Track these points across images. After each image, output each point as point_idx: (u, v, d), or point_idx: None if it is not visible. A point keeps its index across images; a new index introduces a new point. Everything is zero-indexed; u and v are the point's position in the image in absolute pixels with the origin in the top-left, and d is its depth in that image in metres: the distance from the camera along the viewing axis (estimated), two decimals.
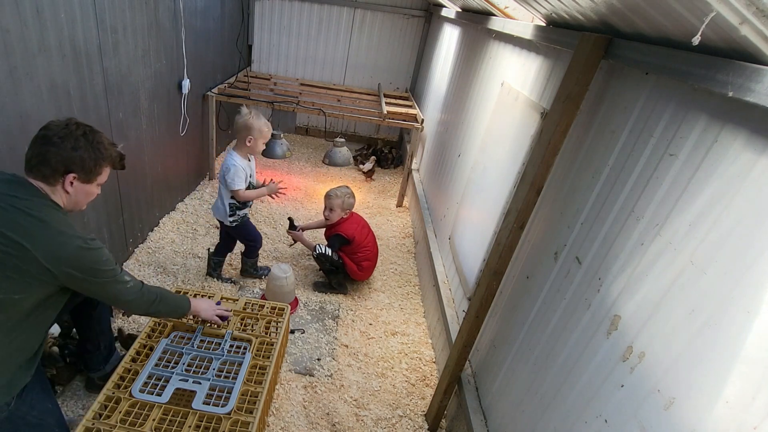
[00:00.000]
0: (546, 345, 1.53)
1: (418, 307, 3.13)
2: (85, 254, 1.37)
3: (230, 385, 1.86)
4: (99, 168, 1.47)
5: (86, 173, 1.44)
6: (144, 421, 1.68)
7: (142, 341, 2.03)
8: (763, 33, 0.82)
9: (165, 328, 2.13)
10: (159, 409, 1.73)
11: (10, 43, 1.78)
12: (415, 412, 2.30)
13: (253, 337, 2.13)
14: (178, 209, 3.79)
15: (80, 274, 1.37)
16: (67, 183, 1.41)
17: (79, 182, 1.44)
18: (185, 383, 1.85)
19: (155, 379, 1.86)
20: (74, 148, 1.39)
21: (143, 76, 2.91)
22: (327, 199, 3.14)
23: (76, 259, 1.35)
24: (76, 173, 1.41)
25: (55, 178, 1.39)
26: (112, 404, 1.73)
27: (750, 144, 0.91)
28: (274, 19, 5.45)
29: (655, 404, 1.01)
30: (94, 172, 1.46)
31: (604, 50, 1.39)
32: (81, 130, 1.42)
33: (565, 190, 1.61)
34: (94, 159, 1.43)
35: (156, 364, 1.91)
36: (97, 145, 1.44)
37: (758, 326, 0.82)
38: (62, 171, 1.39)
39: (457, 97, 3.50)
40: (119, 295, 1.52)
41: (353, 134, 6.18)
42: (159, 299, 1.67)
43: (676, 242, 1.04)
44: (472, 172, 2.73)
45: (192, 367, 1.94)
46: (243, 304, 2.36)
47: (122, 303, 1.57)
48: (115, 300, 1.55)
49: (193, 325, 2.15)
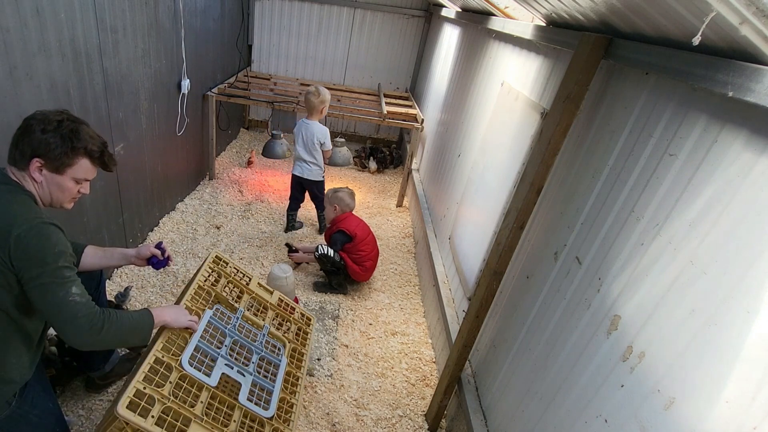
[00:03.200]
0: (546, 345, 1.53)
1: (418, 307, 3.13)
2: (33, 236, 1.21)
3: (269, 386, 1.77)
4: (68, 158, 1.34)
5: (53, 160, 1.32)
6: (195, 402, 1.51)
7: (188, 304, 1.79)
8: (763, 33, 0.82)
9: (210, 296, 1.94)
10: (207, 393, 1.57)
11: (9, 43, 1.78)
12: (415, 412, 2.30)
13: (286, 340, 2.06)
14: (178, 209, 3.79)
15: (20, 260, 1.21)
16: (34, 168, 1.31)
17: (47, 171, 1.33)
18: (230, 370, 1.70)
19: (201, 354, 1.67)
20: (43, 131, 1.30)
21: (143, 76, 2.91)
22: (326, 196, 3.27)
23: (21, 239, 1.20)
24: (42, 159, 1.31)
25: (23, 162, 1.31)
26: (162, 370, 1.51)
27: (750, 144, 0.91)
28: (274, 19, 5.45)
29: (655, 404, 1.01)
30: (62, 162, 1.33)
31: (604, 50, 1.39)
32: (59, 117, 1.34)
33: (565, 190, 1.61)
34: (62, 146, 1.32)
35: (202, 336, 1.72)
36: (69, 133, 1.33)
37: (758, 326, 0.82)
38: (29, 154, 1.30)
39: (457, 97, 3.50)
40: (56, 309, 1.26)
41: (353, 134, 6.17)
42: (106, 326, 1.33)
43: (676, 242, 1.04)
44: (472, 172, 2.73)
45: (233, 352, 1.80)
46: (277, 299, 2.24)
47: (58, 321, 1.28)
48: (55, 312, 1.27)
49: (233, 303, 1.98)
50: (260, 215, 3.94)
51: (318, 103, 3.43)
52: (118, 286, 2.77)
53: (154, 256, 1.87)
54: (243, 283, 2.15)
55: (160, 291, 2.83)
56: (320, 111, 3.48)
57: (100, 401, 2.09)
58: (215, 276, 2.09)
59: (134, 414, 1.34)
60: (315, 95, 3.41)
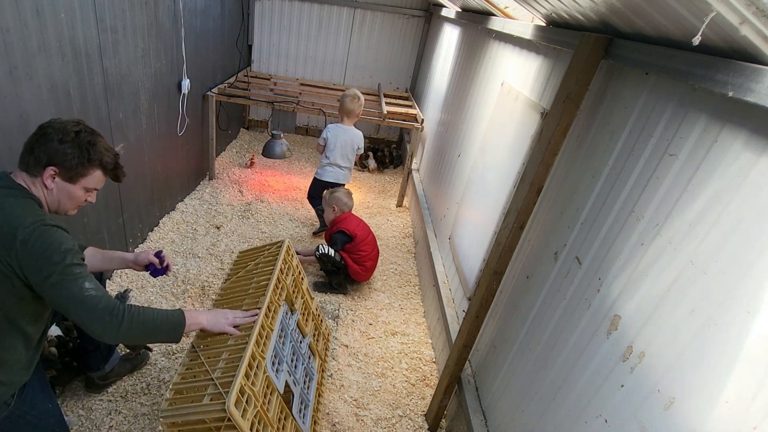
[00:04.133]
0: (546, 345, 1.53)
1: (418, 307, 3.13)
2: (35, 241, 1.22)
3: (307, 400, 1.73)
4: (84, 168, 1.38)
5: (68, 170, 1.35)
6: (269, 407, 1.50)
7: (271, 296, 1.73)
8: (763, 33, 0.82)
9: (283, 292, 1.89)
10: (277, 400, 1.56)
11: (9, 43, 1.78)
12: (415, 412, 2.30)
13: (318, 354, 1.99)
14: (178, 209, 3.79)
15: (27, 264, 1.21)
16: (47, 176, 1.34)
17: (60, 179, 1.36)
18: (289, 378, 1.67)
19: (274, 355, 1.64)
20: (61, 141, 1.33)
21: (143, 76, 2.91)
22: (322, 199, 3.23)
23: (23, 249, 1.20)
24: (57, 168, 1.34)
25: (36, 169, 1.34)
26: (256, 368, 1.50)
27: (750, 144, 0.91)
28: (274, 19, 5.45)
29: (655, 404, 1.01)
30: (77, 172, 1.37)
31: (604, 50, 1.39)
32: (77, 128, 1.37)
33: (565, 190, 1.61)
34: (78, 157, 1.35)
35: (279, 335, 1.71)
36: (87, 145, 1.37)
37: (758, 326, 0.82)
38: (44, 162, 1.33)
39: (457, 97, 3.50)
40: (72, 304, 1.26)
41: None
42: (129, 318, 1.33)
43: (676, 242, 1.04)
44: (472, 172, 2.73)
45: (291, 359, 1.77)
46: (315, 306, 2.16)
47: (76, 318, 1.30)
48: (68, 308, 1.28)
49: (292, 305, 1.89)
50: (260, 215, 3.94)
51: (358, 107, 3.47)
52: (118, 286, 2.77)
53: (151, 264, 1.85)
54: (301, 283, 2.06)
55: (160, 291, 2.83)
56: (357, 115, 3.54)
57: (101, 401, 2.09)
58: (285, 269, 2.01)
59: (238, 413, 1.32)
60: (355, 100, 3.43)
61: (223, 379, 1.42)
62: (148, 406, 2.10)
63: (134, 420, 2.03)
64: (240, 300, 1.83)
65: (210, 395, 1.39)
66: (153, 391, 2.18)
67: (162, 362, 2.33)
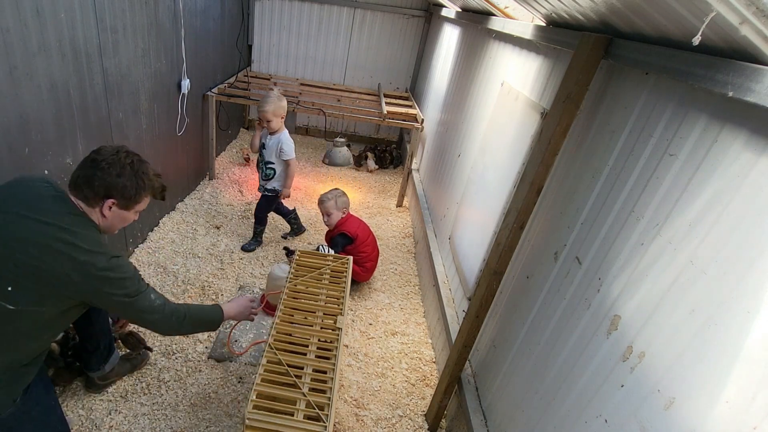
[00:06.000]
0: (546, 345, 1.53)
1: (418, 307, 3.13)
2: (111, 272, 1.39)
3: None
4: (139, 197, 1.52)
5: (126, 200, 1.49)
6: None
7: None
8: (763, 33, 0.82)
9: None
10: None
11: (9, 43, 1.78)
12: (415, 412, 2.30)
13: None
14: (178, 209, 3.79)
15: (107, 291, 1.40)
16: (106, 207, 1.46)
17: (117, 208, 1.49)
18: None
19: None
20: (118, 175, 1.45)
21: (143, 76, 2.91)
22: (320, 205, 3.17)
23: (103, 278, 1.38)
24: (116, 199, 1.47)
25: (95, 201, 1.45)
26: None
27: (750, 144, 0.91)
28: (274, 19, 5.45)
29: (655, 404, 1.01)
30: (133, 200, 1.51)
31: (604, 50, 1.39)
32: (129, 159, 1.49)
33: (565, 190, 1.60)
34: (135, 187, 1.49)
35: None
36: (141, 175, 1.50)
37: (758, 326, 0.82)
38: (103, 195, 1.44)
39: (457, 97, 3.50)
40: (143, 314, 1.52)
41: (353, 134, 6.17)
42: (186, 317, 1.63)
43: (676, 242, 1.04)
44: (472, 172, 2.73)
45: None
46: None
47: (147, 323, 1.56)
48: (138, 319, 1.54)
49: None
50: None
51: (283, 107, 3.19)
52: None
53: None
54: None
55: (160, 291, 2.83)
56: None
57: (101, 401, 2.09)
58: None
59: None
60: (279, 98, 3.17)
61: (314, 398, 1.51)
62: (148, 406, 2.10)
63: (134, 420, 2.03)
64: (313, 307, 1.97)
65: (303, 412, 1.46)
66: (153, 391, 2.18)
67: (162, 362, 2.33)
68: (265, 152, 3.20)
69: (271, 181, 3.26)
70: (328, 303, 2.00)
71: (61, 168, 2.21)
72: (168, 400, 2.15)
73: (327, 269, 2.21)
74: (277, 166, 3.22)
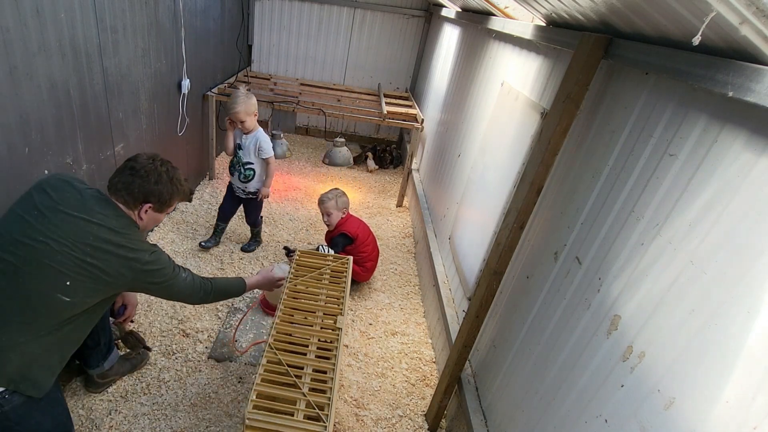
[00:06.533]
0: (546, 345, 1.53)
1: (418, 307, 3.13)
2: (153, 265, 1.56)
3: None
4: (172, 201, 1.69)
5: (161, 204, 1.65)
6: None
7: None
8: (763, 33, 0.82)
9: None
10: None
11: (9, 43, 1.78)
12: (415, 412, 2.30)
13: None
14: (178, 209, 3.79)
15: (150, 281, 1.58)
16: (143, 211, 1.62)
17: (153, 211, 1.65)
18: None
19: None
20: (156, 183, 1.60)
21: (143, 76, 2.91)
22: (320, 205, 3.15)
23: (148, 271, 1.54)
24: (153, 204, 1.62)
25: (134, 205, 1.60)
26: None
27: (750, 144, 0.91)
28: (274, 19, 5.45)
29: (655, 404, 1.01)
30: (167, 204, 1.68)
31: (604, 50, 1.39)
32: (164, 167, 1.64)
33: (565, 190, 1.61)
34: (170, 193, 1.65)
35: None
36: (175, 182, 1.66)
37: (758, 326, 0.82)
38: (141, 200, 1.60)
39: (457, 97, 3.50)
40: (178, 293, 1.72)
41: (353, 134, 6.17)
42: (212, 290, 1.83)
43: (676, 242, 1.04)
44: (472, 172, 2.73)
45: None
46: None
47: (180, 299, 1.76)
48: (173, 296, 1.74)
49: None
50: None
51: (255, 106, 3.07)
52: None
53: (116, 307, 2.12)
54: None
55: None
56: None
57: (101, 401, 2.09)
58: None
59: None
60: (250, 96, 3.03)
61: (314, 398, 1.51)
62: (148, 406, 2.10)
63: (134, 420, 2.03)
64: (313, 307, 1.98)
65: (303, 412, 1.46)
66: (153, 391, 2.18)
67: (162, 362, 2.33)
68: (242, 153, 3.08)
69: (252, 182, 3.16)
70: (328, 303, 2.00)
71: (61, 168, 2.21)
72: (168, 400, 2.15)
73: (327, 269, 2.21)
74: (257, 166, 3.12)
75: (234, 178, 3.19)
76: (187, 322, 2.60)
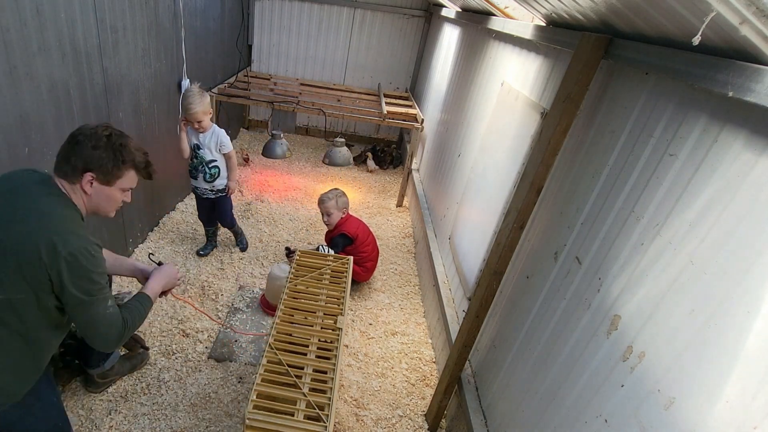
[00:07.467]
0: (546, 345, 1.53)
1: (418, 307, 3.13)
2: (78, 257, 1.30)
3: None
4: (119, 170, 1.45)
5: (104, 174, 1.43)
6: None
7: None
8: (763, 33, 0.82)
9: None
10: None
11: (9, 43, 1.78)
12: (415, 412, 2.30)
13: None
14: (178, 209, 3.79)
15: (66, 277, 1.29)
16: (86, 182, 1.41)
17: (98, 183, 1.43)
18: None
19: None
20: (95, 147, 1.39)
21: (143, 76, 2.91)
22: (320, 205, 3.15)
23: (67, 260, 1.28)
24: (95, 173, 1.41)
25: (75, 177, 1.40)
26: None
27: (750, 144, 0.91)
28: (274, 19, 5.45)
29: (655, 404, 1.01)
30: (113, 174, 1.44)
31: (604, 50, 1.39)
32: (107, 132, 1.44)
33: (565, 190, 1.61)
34: (113, 159, 1.42)
35: None
36: (119, 147, 1.43)
37: (758, 326, 0.82)
38: (81, 169, 1.40)
39: (457, 97, 3.50)
40: (96, 322, 1.39)
41: (353, 134, 6.17)
42: (131, 323, 1.50)
43: (676, 242, 1.04)
44: (472, 172, 2.73)
45: None
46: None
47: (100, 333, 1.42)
48: (88, 325, 1.40)
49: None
50: (260, 215, 3.94)
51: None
52: (117, 285, 2.77)
53: None
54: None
55: None
56: None
57: (101, 401, 2.09)
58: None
59: None
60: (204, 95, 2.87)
61: (315, 398, 1.51)
62: (148, 406, 2.10)
63: (134, 420, 2.03)
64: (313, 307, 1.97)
65: (303, 412, 1.46)
66: (153, 391, 2.18)
67: (162, 362, 2.33)
68: (203, 152, 2.92)
69: (218, 179, 3.03)
70: (329, 303, 2.00)
71: None
72: (168, 400, 2.15)
73: (327, 269, 2.21)
74: (220, 162, 3.00)
75: (198, 180, 3.01)
76: (187, 322, 2.60)
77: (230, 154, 3.01)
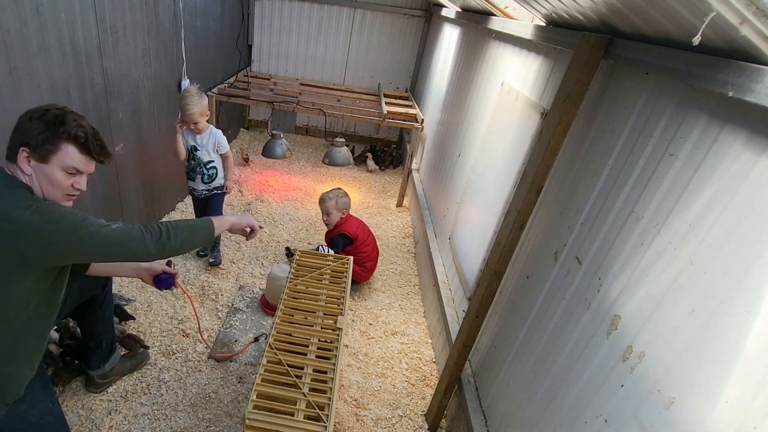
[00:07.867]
0: (546, 345, 1.53)
1: (418, 307, 3.13)
2: (40, 216, 1.21)
3: None
4: (52, 144, 1.27)
5: (38, 148, 1.27)
6: None
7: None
8: (763, 33, 0.82)
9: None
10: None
11: (9, 43, 1.78)
12: (415, 412, 2.30)
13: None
14: (177, 209, 3.79)
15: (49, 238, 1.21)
16: (22, 159, 1.27)
17: (35, 161, 1.28)
18: None
19: None
20: (29, 119, 1.28)
21: (143, 76, 2.91)
22: (321, 204, 3.15)
23: (30, 219, 1.19)
24: (29, 148, 1.27)
25: (13, 155, 1.28)
26: None
27: (750, 144, 0.91)
28: (274, 19, 5.45)
29: (655, 404, 1.01)
30: (46, 149, 1.27)
31: (604, 50, 1.39)
32: (48, 107, 1.31)
33: (565, 190, 1.61)
34: (45, 131, 1.26)
35: None
36: (54, 119, 1.28)
37: (758, 326, 0.82)
38: (17, 144, 1.27)
39: (457, 97, 3.50)
40: (114, 237, 1.30)
41: (353, 134, 6.17)
42: (169, 228, 1.42)
43: (676, 242, 1.04)
44: (472, 172, 2.73)
45: None
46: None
47: (124, 244, 1.33)
48: (111, 246, 1.31)
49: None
50: (260, 215, 3.94)
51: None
52: (118, 285, 2.77)
53: (165, 273, 1.88)
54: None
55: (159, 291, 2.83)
56: None
57: (101, 401, 2.09)
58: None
59: None
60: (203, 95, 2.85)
61: (315, 398, 1.51)
62: (148, 406, 2.10)
63: (134, 420, 2.03)
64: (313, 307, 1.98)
65: (303, 412, 1.46)
66: (153, 391, 2.18)
67: (162, 362, 2.33)
68: (200, 153, 2.87)
69: (217, 180, 2.99)
70: (329, 303, 2.01)
71: None
72: (168, 400, 2.15)
73: (327, 269, 2.21)
74: (218, 163, 2.97)
75: (196, 182, 2.96)
76: (187, 322, 2.60)
77: (227, 154, 2.99)
